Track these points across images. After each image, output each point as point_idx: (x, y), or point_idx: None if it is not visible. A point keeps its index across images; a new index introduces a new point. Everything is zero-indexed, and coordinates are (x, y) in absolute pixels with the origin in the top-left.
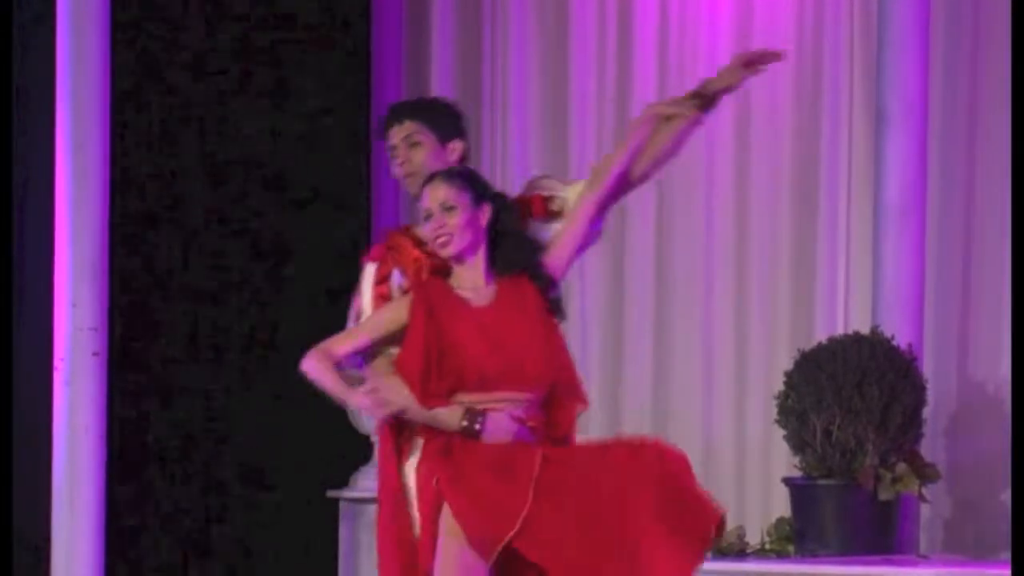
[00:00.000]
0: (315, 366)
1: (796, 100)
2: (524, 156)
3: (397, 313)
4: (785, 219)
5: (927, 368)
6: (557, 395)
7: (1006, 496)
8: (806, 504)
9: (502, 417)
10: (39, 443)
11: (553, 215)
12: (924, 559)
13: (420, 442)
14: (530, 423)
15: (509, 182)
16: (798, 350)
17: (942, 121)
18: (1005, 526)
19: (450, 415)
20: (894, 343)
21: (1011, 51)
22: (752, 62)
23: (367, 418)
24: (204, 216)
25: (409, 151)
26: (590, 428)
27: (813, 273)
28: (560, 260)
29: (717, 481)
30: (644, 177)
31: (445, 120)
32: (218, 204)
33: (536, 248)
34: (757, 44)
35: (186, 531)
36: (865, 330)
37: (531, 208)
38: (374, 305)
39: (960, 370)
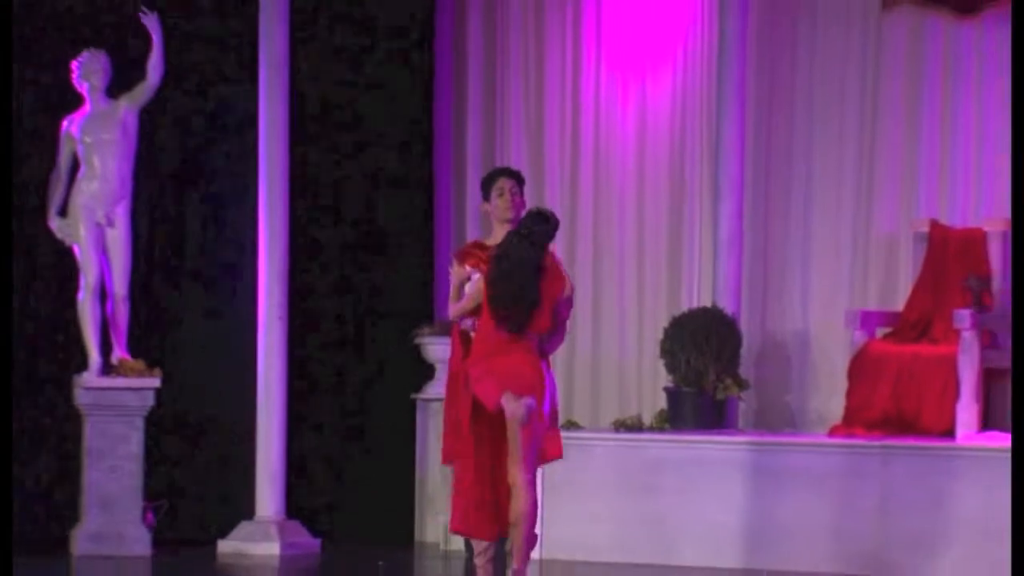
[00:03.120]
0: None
1: (670, 176)
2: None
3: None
4: (664, 244)
5: (743, 327)
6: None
7: (789, 398)
8: (676, 402)
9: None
10: (248, 369)
11: None
12: (742, 431)
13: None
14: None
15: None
16: (672, 316)
17: (752, 193)
18: (787, 413)
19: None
20: (725, 312)
21: (1012, 52)
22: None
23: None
24: (339, 233)
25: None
26: (557, 365)
27: (680, 273)
28: None
29: (627, 390)
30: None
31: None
32: (346, 226)
33: None
34: (651, 143)
35: (328, 418)
36: (709, 305)
37: None
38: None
39: (761, 329)
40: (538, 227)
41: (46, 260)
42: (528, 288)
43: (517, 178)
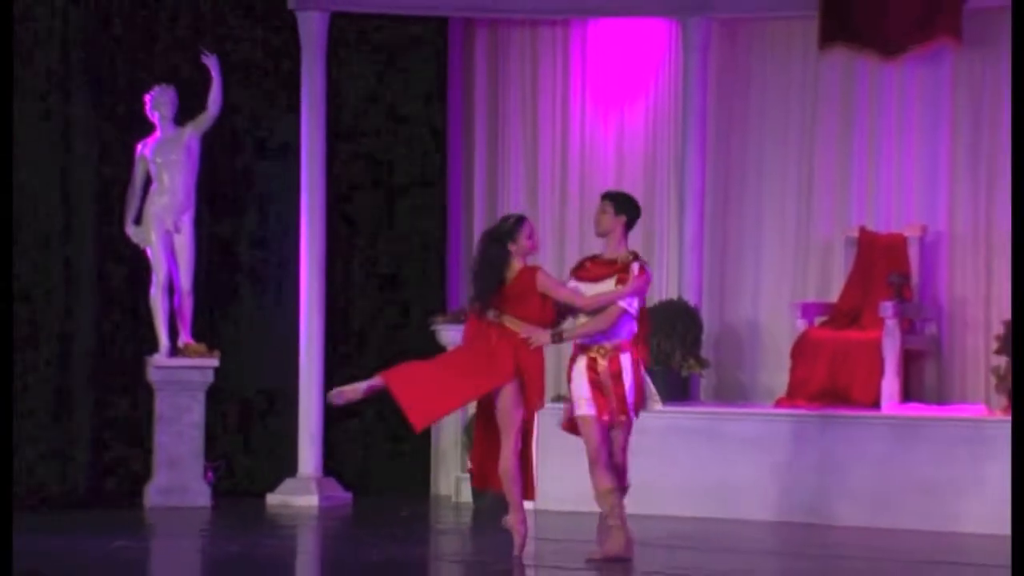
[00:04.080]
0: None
1: (644, 189)
2: (518, 200)
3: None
4: (638, 247)
5: (704, 316)
6: None
7: (742, 375)
8: (650, 378)
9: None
10: (292, 352)
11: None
12: (703, 403)
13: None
14: None
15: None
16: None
17: (712, 204)
18: (740, 387)
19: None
20: (689, 304)
21: (1012, 52)
22: None
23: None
24: (369, 239)
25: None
26: (555, 351)
27: (652, 271)
28: None
29: None
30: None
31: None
32: (375, 234)
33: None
34: (627, 162)
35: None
36: (675, 297)
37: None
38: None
39: (719, 317)
40: (500, 225)
41: (124, 261)
42: (487, 277)
43: (613, 198)
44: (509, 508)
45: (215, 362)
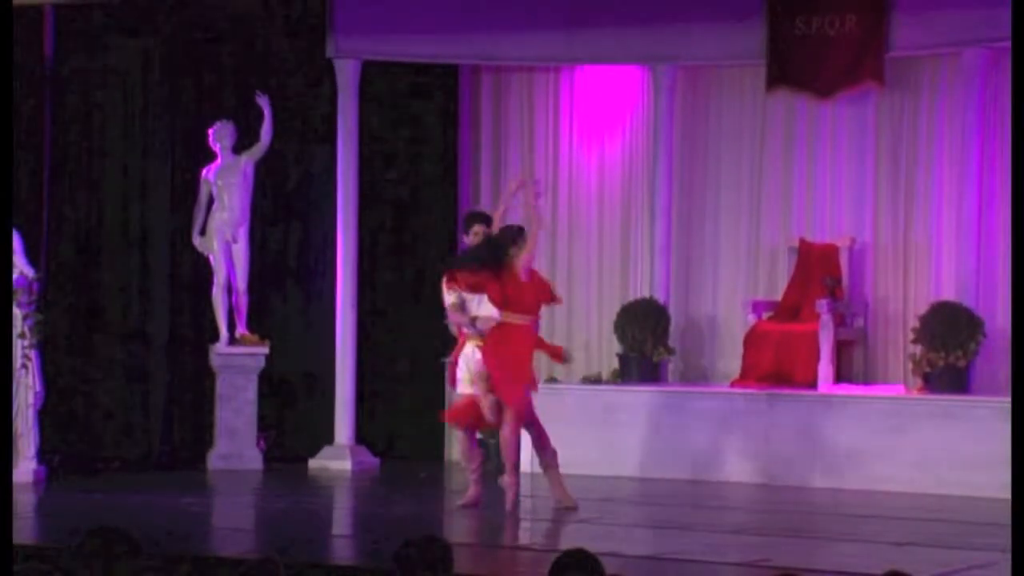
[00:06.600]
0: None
1: (621, 207)
2: (515, 216)
3: None
4: (617, 254)
5: (671, 311)
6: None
7: (703, 360)
8: (625, 363)
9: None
10: (329, 341)
11: None
12: (670, 383)
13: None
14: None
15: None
16: (622, 303)
17: (678, 218)
18: (702, 370)
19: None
20: (658, 301)
21: (1012, 51)
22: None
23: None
24: (392, 242)
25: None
26: (550, 338)
27: (628, 274)
28: None
29: (592, 355)
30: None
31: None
32: (397, 244)
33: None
34: (607, 184)
35: (386, 374)
36: (647, 296)
37: None
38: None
39: (684, 312)
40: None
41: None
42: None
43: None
44: (505, 470)
45: (266, 349)
